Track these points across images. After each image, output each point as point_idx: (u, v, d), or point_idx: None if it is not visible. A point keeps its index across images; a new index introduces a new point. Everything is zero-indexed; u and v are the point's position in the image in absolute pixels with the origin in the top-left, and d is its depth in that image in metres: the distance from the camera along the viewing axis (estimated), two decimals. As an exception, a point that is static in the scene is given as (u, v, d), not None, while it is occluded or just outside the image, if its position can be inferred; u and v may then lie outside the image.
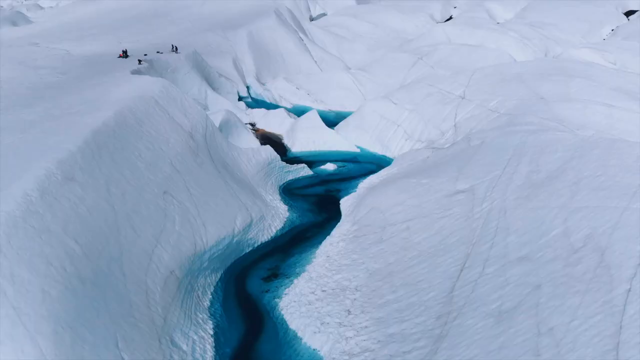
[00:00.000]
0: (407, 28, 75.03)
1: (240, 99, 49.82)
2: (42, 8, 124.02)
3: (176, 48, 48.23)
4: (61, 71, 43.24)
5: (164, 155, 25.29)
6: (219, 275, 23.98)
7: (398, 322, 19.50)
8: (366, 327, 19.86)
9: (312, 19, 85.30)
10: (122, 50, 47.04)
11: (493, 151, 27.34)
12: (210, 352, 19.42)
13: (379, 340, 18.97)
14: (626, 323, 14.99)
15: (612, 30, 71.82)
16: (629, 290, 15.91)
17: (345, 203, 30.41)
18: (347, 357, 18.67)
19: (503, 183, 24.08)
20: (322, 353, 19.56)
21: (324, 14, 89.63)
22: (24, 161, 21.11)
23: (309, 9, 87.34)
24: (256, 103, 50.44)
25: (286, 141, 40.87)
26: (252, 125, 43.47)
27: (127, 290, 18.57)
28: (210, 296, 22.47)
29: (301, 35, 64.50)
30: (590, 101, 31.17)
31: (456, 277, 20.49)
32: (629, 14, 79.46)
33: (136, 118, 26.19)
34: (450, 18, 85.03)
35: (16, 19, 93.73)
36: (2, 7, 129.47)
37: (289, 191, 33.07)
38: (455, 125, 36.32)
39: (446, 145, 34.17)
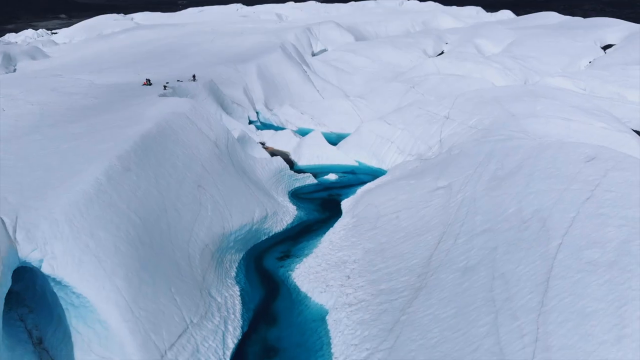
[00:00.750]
0: (402, 62, 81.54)
1: (250, 122, 55.60)
2: (56, 44, 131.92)
3: (194, 77, 54.22)
4: (92, 96, 48.60)
5: (196, 158, 30.65)
6: (241, 255, 29.01)
7: (387, 281, 24.48)
8: (362, 286, 24.83)
9: (313, 54, 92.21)
10: (146, 79, 53.00)
11: (468, 157, 32.69)
12: (238, 306, 24.34)
13: (372, 294, 23.92)
14: (556, 265, 20.03)
15: (590, 62, 78.37)
16: (561, 243, 20.98)
17: (346, 203, 35.56)
18: (347, 307, 23.59)
19: (474, 179, 29.35)
20: (327, 307, 24.49)
21: (324, 50, 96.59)
22: (84, 159, 26.40)
23: (310, 45, 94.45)
24: (265, 126, 56.16)
25: (293, 157, 46.28)
26: (262, 144, 48.96)
27: (175, 254, 23.64)
28: (236, 269, 27.46)
29: (304, 67, 70.90)
30: (553, 116, 36.72)
31: (434, 248, 25.54)
32: (607, 47, 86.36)
33: (172, 129, 31.66)
34: (442, 53, 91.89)
35: (34, 53, 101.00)
36: (17, 42, 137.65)
37: (296, 195, 38.28)
38: (440, 141, 41.80)
39: (432, 157, 39.59)
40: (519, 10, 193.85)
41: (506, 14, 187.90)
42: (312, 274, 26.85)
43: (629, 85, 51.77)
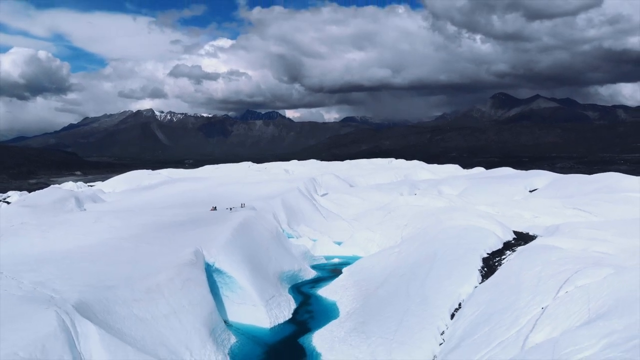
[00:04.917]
0: (384, 200, 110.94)
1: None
2: (104, 192, 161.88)
3: (243, 204, 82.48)
4: (179, 217, 75.16)
5: (263, 236, 57.58)
6: (289, 286, 54.62)
7: (365, 288, 50.15)
8: (353, 291, 50.42)
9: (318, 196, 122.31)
10: (213, 206, 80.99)
11: (411, 239, 59.80)
12: (292, 300, 49.69)
13: (358, 292, 49.49)
14: (435, 264, 46.21)
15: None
16: (438, 258, 47.32)
17: (345, 268, 61.61)
18: (346, 297, 49.00)
19: (412, 246, 56.16)
20: (336, 300, 49.78)
21: (326, 194, 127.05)
22: (213, 234, 53.34)
23: (316, 190, 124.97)
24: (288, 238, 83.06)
25: (311, 251, 72.73)
26: (290, 246, 75.66)
27: (263, 270, 49.67)
28: (288, 290, 53.00)
29: (314, 202, 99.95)
30: (461, 218, 64.27)
31: (389, 273, 51.47)
32: (534, 190, 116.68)
33: (250, 222, 59.01)
34: (415, 194, 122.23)
35: (94, 198, 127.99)
36: (72, 190, 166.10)
37: (315, 267, 64.28)
38: (402, 238, 68.93)
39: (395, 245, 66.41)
40: (493, 166, 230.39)
41: (479, 170, 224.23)
42: (327, 290, 52.56)
43: (527, 208, 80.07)
